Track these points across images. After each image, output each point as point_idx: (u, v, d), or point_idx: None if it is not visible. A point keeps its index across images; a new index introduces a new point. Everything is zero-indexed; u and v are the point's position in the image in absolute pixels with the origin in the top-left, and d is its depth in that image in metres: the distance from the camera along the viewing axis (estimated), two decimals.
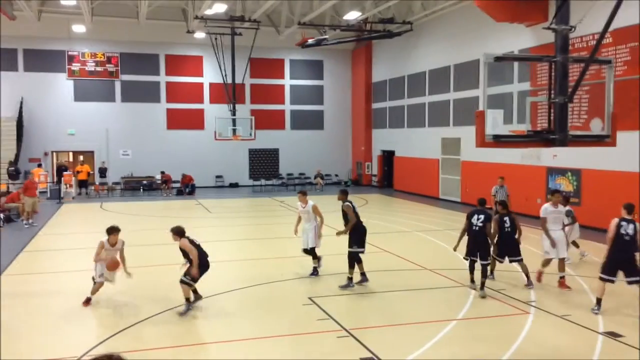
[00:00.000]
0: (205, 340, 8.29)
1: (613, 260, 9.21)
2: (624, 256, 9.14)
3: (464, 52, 24.65)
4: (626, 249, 9.10)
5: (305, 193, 12.29)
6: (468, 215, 10.87)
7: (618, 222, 9.21)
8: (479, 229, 10.54)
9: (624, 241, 9.07)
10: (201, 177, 31.51)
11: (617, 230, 9.16)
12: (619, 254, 9.16)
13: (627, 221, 9.18)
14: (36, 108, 29.93)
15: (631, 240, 9.08)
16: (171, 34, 31.02)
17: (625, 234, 9.08)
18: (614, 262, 9.20)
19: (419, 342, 7.98)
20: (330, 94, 35.33)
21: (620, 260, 9.16)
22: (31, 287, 11.32)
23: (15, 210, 20.12)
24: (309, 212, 11.94)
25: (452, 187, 26.11)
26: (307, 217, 11.99)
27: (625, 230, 9.09)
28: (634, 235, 9.08)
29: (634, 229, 9.10)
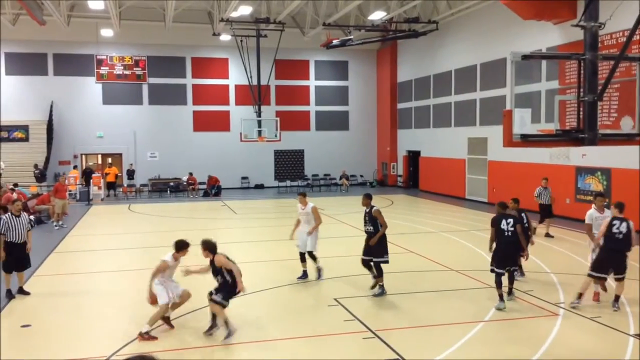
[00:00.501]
0: (233, 340, 8.33)
1: (605, 258, 9.28)
2: (615, 254, 9.21)
3: (491, 51, 24.40)
4: (619, 248, 9.18)
5: (305, 194, 12.03)
6: (494, 222, 9.84)
7: (610, 221, 9.31)
8: (512, 234, 9.59)
9: (617, 239, 9.15)
10: (227, 178, 31.73)
11: (609, 228, 9.24)
12: (611, 253, 9.23)
13: (619, 220, 9.25)
14: (66, 111, 30.50)
15: (624, 239, 9.15)
16: (197, 37, 31.32)
17: (617, 232, 9.16)
18: (605, 261, 9.27)
19: (445, 344, 7.91)
20: (355, 95, 35.28)
21: (612, 259, 9.24)
22: (61, 288, 11.52)
23: (46, 212, 20.52)
24: (309, 213, 11.64)
25: (479, 188, 25.85)
26: (307, 219, 11.70)
27: (617, 229, 9.17)
28: (626, 234, 9.13)
29: (626, 227, 9.17)
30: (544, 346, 7.85)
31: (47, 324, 9.14)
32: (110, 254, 15.19)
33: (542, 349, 7.76)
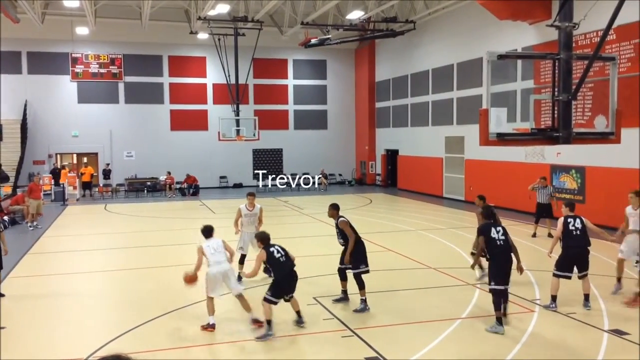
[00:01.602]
0: (211, 340, 8.29)
1: (567, 256, 9.40)
2: (577, 251, 9.34)
3: (467, 51, 24.62)
4: (579, 244, 9.33)
5: (254, 195, 11.74)
6: (482, 231, 8.72)
7: (564, 220, 9.47)
8: (503, 242, 8.56)
9: (575, 236, 9.32)
10: (205, 177, 31.57)
11: (565, 227, 9.41)
12: (573, 250, 9.35)
13: (572, 217, 9.48)
14: (40, 110, 30.04)
15: (582, 235, 9.34)
16: (174, 35, 31.08)
17: (574, 229, 9.35)
18: (568, 259, 9.39)
19: (424, 341, 7.97)
20: (334, 94, 35.33)
21: (575, 256, 9.37)
22: (36, 289, 11.35)
23: (20, 212, 20.19)
24: (257, 214, 11.39)
25: (456, 186, 26.07)
26: (252, 220, 11.40)
27: (574, 226, 9.38)
28: (582, 229, 9.36)
29: (581, 222, 9.41)
30: (520, 342, 7.95)
31: (22, 326, 8.99)
32: (86, 255, 14.99)
33: (518, 344, 7.86)
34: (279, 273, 8.38)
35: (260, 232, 8.87)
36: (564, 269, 9.37)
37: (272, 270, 8.42)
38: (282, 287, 8.44)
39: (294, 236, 12.76)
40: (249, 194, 11.70)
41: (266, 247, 8.50)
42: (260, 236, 8.69)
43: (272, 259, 8.39)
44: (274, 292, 8.37)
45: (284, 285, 8.47)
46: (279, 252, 8.50)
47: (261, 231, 8.98)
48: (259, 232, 8.95)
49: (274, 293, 8.37)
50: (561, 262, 9.41)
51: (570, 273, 9.39)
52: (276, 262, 8.38)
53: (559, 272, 9.39)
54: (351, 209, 23.57)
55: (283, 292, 8.48)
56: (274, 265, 8.38)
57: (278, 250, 8.52)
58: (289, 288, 8.57)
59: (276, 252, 8.47)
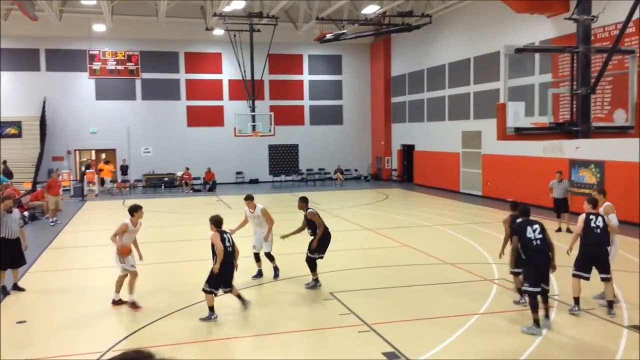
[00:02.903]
0: (228, 335, 8.34)
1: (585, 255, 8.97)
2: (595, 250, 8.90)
3: (484, 44, 24.42)
4: (597, 242, 8.89)
5: (252, 197, 11.36)
6: (518, 230, 8.49)
7: (586, 217, 9.02)
8: (540, 242, 8.29)
9: (595, 234, 8.88)
10: (221, 173, 31.69)
11: (585, 224, 8.95)
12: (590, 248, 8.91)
13: (594, 215, 9.03)
14: (59, 107, 30.35)
15: (602, 234, 8.90)
16: (190, 32, 31.20)
17: (595, 227, 8.89)
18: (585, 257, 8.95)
19: (441, 337, 7.95)
20: (349, 89, 35.27)
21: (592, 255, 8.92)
22: (56, 284, 11.50)
23: (40, 208, 20.45)
24: (259, 216, 11.24)
25: (473, 181, 25.92)
26: (258, 222, 11.33)
27: (595, 224, 8.91)
28: (604, 228, 8.93)
29: (602, 221, 8.99)
30: (538, 338, 7.90)
31: (42, 320, 9.12)
32: (105, 250, 15.11)
33: (536, 340, 7.81)
34: (222, 260, 8.56)
35: (214, 215, 9.04)
36: (581, 268, 8.95)
37: (218, 256, 8.60)
38: (219, 277, 8.61)
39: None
40: (246, 197, 11.34)
41: (219, 231, 8.78)
42: (214, 219, 8.93)
43: (224, 244, 8.67)
44: (210, 283, 8.65)
45: (222, 274, 8.63)
46: (229, 241, 8.81)
47: (215, 214, 9.10)
48: (213, 215, 9.08)
49: (211, 284, 8.65)
50: (579, 261, 9.04)
51: (588, 273, 8.93)
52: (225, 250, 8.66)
53: (577, 272, 9.00)
54: (367, 205, 23.56)
55: (219, 282, 8.67)
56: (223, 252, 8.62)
57: (228, 239, 8.82)
58: (224, 280, 8.75)
59: (227, 240, 8.78)
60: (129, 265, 9.63)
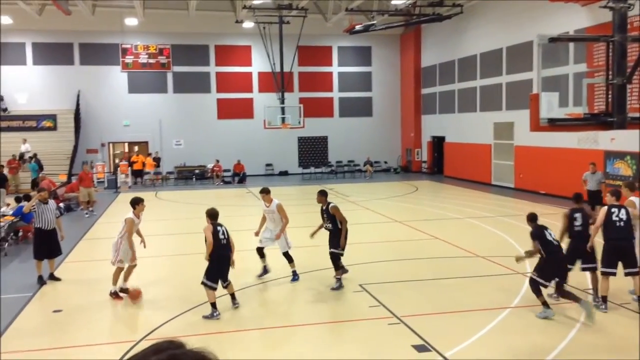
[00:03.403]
0: (260, 325, 8.42)
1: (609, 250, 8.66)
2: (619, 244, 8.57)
3: (517, 34, 24.01)
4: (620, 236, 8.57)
5: (269, 191, 10.86)
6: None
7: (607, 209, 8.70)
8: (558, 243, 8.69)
9: (618, 228, 8.59)
10: (251, 165, 31.88)
11: (607, 217, 8.65)
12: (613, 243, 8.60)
13: (617, 207, 8.75)
14: (92, 100, 30.88)
15: (625, 227, 8.62)
16: (220, 25, 31.38)
17: (617, 220, 8.63)
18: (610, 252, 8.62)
19: (471, 330, 7.89)
20: (379, 80, 35.07)
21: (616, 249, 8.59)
22: (91, 274, 11.74)
23: (75, 199, 20.89)
24: (274, 212, 10.70)
25: (505, 173, 25.58)
26: (272, 217, 10.78)
27: (617, 217, 8.63)
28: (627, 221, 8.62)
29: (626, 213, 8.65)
30: (571, 332, 7.79)
31: (77, 309, 9.33)
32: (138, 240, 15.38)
33: (569, 335, 7.70)
34: (216, 253, 8.60)
35: (210, 208, 9.00)
36: (607, 264, 8.59)
37: (207, 248, 8.65)
38: (216, 270, 8.66)
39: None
40: (262, 190, 10.90)
41: (214, 223, 8.76)
42: (210, 212, 8.91)
43: (215, 237, 8.62)
44: (209, 276, 8.61)
45: (218, 268, 8.68)
46: (223, 234, 8.76)
47: (211, 207, 9.06)
48: (209, 208, 9.03)
49: (210, 277, 8.62)
50: (604, 257, 8.66)
51: (615, 269, 8.60)
52: (217, 242, 8.64)
53: (604, 269, 8.62)
54: (397, 197, 23.46)
55: (217, 275, 8.70)
56: (214, 243, 8.59)
57: (223, 232, 8.78)
58: (221, 273, 8.75)
59: (221, 233, 8.71)
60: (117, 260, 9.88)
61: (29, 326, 8.60)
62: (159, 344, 1.58)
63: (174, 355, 1.53)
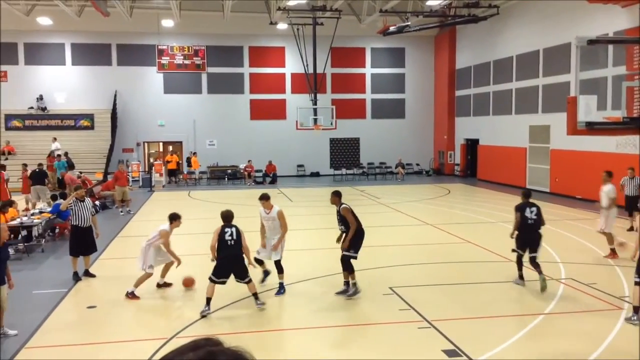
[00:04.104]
0: (288, 326, 8.44)
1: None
2: None
3: (554, 36, 23.58)
4: None
5: (269, 197, 10.36)
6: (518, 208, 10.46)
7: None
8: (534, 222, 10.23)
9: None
10: (283, 166, 32.01)
11: None
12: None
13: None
14: (129, 100, 31.43)
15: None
16: (255, 26, 31.60)
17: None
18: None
19: (503, 336, 7.77)
20: (412, 82, 34.85)
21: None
22: (125, 271, 11.91)
23: (110, 197, 21.28)
24: (275, 219, 10.11)
25: (541, 177, 25.13)
26: (272, 225, 10.15)
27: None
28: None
29: None
30: (606, 340, 7.60)
31: (111, 306, 9.49)
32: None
33: (604, 343, 7.51)
34: (220, 253, 8.91)
35: (224, 210, 9.21)
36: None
37: (217, 249, 8.92)
38: (220, 268, 8.91)
39: (370, 225, 12.68)
40: (261, 197, 10.35)
41: (223, 226, 9.02)
42: (222, 214, 9.16)
43: (221, 239, 8.90)
44: (214, 272, 8.92)
45: (221, 267, 8.90)
46: (231, 235, 8.92)
47: (225, 210, 9.25)
48: (224, 210, 9.23)
49: (215, 273, 8.91)
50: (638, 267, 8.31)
51: None
52: (222, 243, 8.88)
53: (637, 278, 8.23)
54: (428, 199, 23.27)
55: (220, 273, 8.90)
56: (219, 244, 8.91)
57: (231, 234, 8.93)
58: (224, 272, 8.93)
59: (228, 234, 8.92)
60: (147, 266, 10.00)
61: (63, 321, 8.79)
62: (197, 341, 1.60)
63: (211, 352, 1.54)
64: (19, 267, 11.92)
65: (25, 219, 13.91)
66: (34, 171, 20.20)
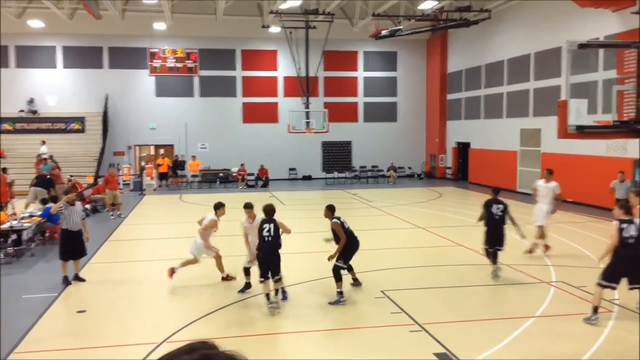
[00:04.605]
0: (280, 330, 8.42)
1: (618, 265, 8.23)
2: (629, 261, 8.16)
3: (546, 40, 23.71)
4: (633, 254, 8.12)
5: (252, 206, 10.20)
6: (486, 205, 11.15)
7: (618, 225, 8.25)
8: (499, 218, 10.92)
9: (628, 244, 8.16)
10: (275, 169, 31.98)
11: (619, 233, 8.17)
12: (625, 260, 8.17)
13: (627, 222, 8.30)
14: (120, 103, 31.31)
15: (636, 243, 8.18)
16: (247, 29, 31.59)
17: (628, 236, 8.20)
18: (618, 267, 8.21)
19: (494, 339, 7.78)
20: (404, 86, 34.93)
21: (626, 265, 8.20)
22: (115, 275, 11.88)
23: (101, 201, 21.17)
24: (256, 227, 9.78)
25: (532, 180, 25.11)
26: (255, 233, 9.69)
27: (627, 233, 8.21)
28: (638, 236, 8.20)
29: (636, 229, 8.22)
30: (597, 343, 7.63)
31: (101, 310, 9.44)
32: (162, 243, 15.55)
33: (594, 345, 7.54)
34: (261, 249, 9.25)
35: (268, 204, 9.61)
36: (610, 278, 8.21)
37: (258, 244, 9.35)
38: (260, 262, 9.29)
39: (362, 229, 12.70)
40: (246, 205, 10.23)
41: (263, 220, 9.42)
42: (267, 209, 9.49)
43: (260, 234, 9.26)
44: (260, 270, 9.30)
45: (260, 264, 9.27)
46: (268, 231, 9.19)
47: (269, 203, 9.69)
48: (267, 204, 9.63)
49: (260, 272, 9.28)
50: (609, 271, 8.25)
51: (617, 283, 8.28)
52: (260, 239, 9.27)
53: (603, 282, 8.24)
54: (420, 203, 23.31)
55: (263, 269, 9.21)
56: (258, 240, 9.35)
57: (269, 229, 9.20)
58: (261, 264, 9.26)
59: (266, 230, 9.23)
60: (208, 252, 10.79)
61: (53, 326, 8.72)
62: (192, 344, 1.60)
63: (206, 356, 1.54)
64: (8, 271, 11.85)
65: (15, 223, 13.82)
66: (40, 176, 20.26)
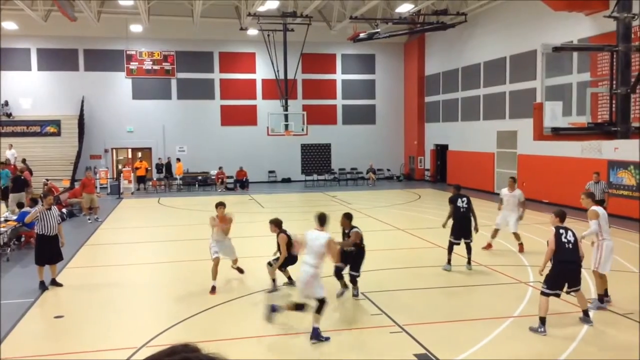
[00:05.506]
0: (260, 332, 8.39)
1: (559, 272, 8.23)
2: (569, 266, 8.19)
3: (521, 43, 24.04)
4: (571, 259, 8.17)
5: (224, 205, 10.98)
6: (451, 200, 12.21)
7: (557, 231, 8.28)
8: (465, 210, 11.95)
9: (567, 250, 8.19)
10: (254, 172, 31.89)
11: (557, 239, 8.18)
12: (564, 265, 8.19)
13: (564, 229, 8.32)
14: (96, 106, 30.97)
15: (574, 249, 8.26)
16: (225, 32, 31.48)
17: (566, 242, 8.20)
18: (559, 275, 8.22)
19: (474, 340, 7.86)
20: (382, 88, 35.11)
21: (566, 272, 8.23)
22: (93, 280, 11.73)
23: (78, 205, 20.91)
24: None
25: None
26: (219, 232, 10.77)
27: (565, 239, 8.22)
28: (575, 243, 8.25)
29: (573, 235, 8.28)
30: (574, 342, 7.74)
31: (79, 315, 9.32)
32: (140, 247, 15.41)
33: (572, 345, 7.66)
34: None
35: (275, 218, 10.31)
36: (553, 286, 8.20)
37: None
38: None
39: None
40: (217, 204, 10.91)
41: (283, 231, 10.09)
42: (276, 221, 10.20)
43: (290, 242, 9.80)
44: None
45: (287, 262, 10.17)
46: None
47: (275, 217, 10.37)
48: (274, 218, 10.32)
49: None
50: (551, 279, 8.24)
51: (560, 290, 8.31)
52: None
53: (547, 291, 8.20)
54: (399, 205, 23.43)
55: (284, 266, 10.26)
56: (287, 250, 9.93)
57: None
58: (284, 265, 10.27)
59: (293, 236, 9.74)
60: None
61: (30, 332, 8.59)
62: (175, 347, 1.60)
63: (187, 359, 1.54)
64: None
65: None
66: (15, 178, 19.92)
